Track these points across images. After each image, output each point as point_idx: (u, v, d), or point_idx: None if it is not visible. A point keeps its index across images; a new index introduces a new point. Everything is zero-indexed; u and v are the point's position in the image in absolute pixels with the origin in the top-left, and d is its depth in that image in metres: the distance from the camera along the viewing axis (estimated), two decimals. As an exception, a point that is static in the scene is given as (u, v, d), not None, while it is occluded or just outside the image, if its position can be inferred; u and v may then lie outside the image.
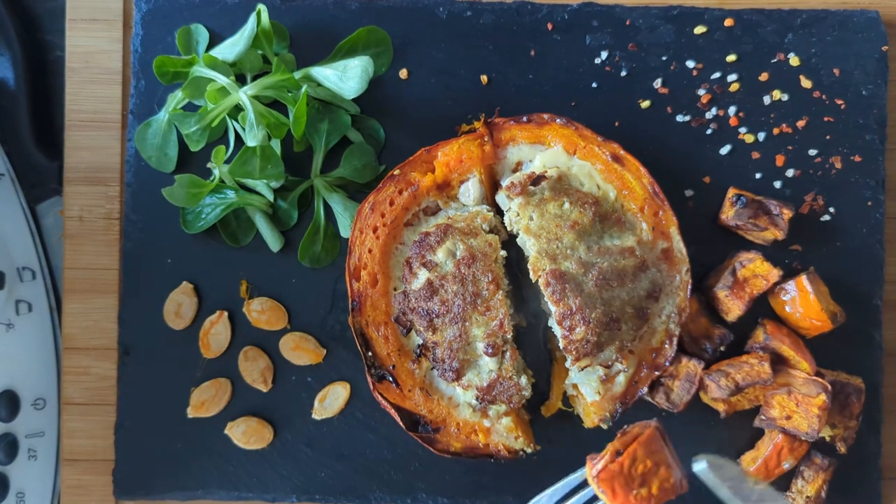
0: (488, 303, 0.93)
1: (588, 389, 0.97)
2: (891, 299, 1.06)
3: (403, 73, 1.06)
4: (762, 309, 1.03)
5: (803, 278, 0.99)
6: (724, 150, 1.05)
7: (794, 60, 1.05)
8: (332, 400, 1.05)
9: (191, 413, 1.04)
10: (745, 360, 0.99)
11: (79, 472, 1.06)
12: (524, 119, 1.00)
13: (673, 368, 0.99)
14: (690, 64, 1.06)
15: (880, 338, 1.04)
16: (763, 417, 0.99)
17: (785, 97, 1.05)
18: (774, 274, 0.98)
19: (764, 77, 1.06)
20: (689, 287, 0.97)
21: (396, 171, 0.99)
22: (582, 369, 0.95)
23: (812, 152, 1.05)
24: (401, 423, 0.96)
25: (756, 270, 0.99)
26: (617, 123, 1.06)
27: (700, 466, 0.98)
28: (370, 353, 0.97)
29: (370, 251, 0.98)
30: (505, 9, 1.06)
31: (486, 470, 1.04)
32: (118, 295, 1.06)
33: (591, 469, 0.90)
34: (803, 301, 0.99)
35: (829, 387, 0.97)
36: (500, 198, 0.99)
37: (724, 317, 1.01)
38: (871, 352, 1.04)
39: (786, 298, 1.01)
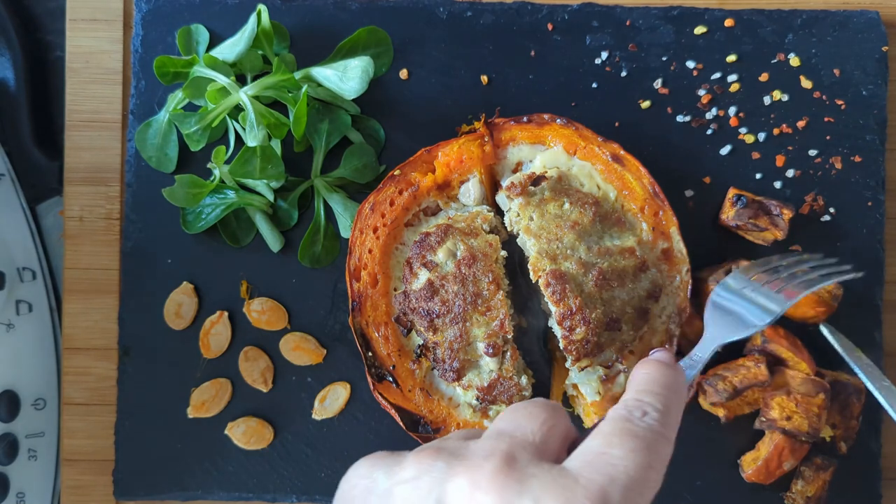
0: (489, 303, 0.93)
1: (588, 390, 0.96)
2: (891, 299, 1.06)
3: (403, 74, 1.06)
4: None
5: None
6: (725, 150, 1.05)
7: (794, 61, 1.05)
8: (332, 400, 1.05)
9: (191, 413, 1.04)
10: (742, 363, 0.99)
11: (79, 472, 1.06)
12: (524, 119, 1.00)
13: (673, 369, 0.99)
14: (690, 64, 1.06)
15: (880, 338, 1.04)
16: (763, 419, 0.99)
17: (785, 97, 1.05)
18: None
19: (764, 77, 1.06)
20: (690, 287, 0.97)
21: (396, 172, 0.99)
22: (582, 370, 0.95)
23: (812, 152, 1.05)
24: (401, 424, 0.96)
25: None
26: (617, 123, 1.06)
27: (825, 329, 1.01)
28: (370, 354, 0.97)
29: (370, 251, 0.98)
30: (505, 9, 1.06)
31: (486, 470, 1.04)
32: (118, 295, 1.06)
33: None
34: None
35: (829, 386, 0.97)
36: (501, 198, 0.99)
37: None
38: (871, 352, 1.04)
39: None
